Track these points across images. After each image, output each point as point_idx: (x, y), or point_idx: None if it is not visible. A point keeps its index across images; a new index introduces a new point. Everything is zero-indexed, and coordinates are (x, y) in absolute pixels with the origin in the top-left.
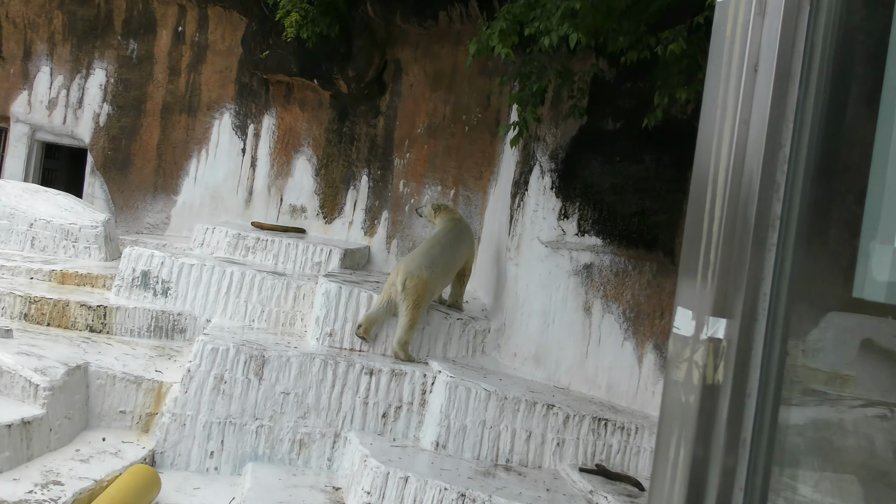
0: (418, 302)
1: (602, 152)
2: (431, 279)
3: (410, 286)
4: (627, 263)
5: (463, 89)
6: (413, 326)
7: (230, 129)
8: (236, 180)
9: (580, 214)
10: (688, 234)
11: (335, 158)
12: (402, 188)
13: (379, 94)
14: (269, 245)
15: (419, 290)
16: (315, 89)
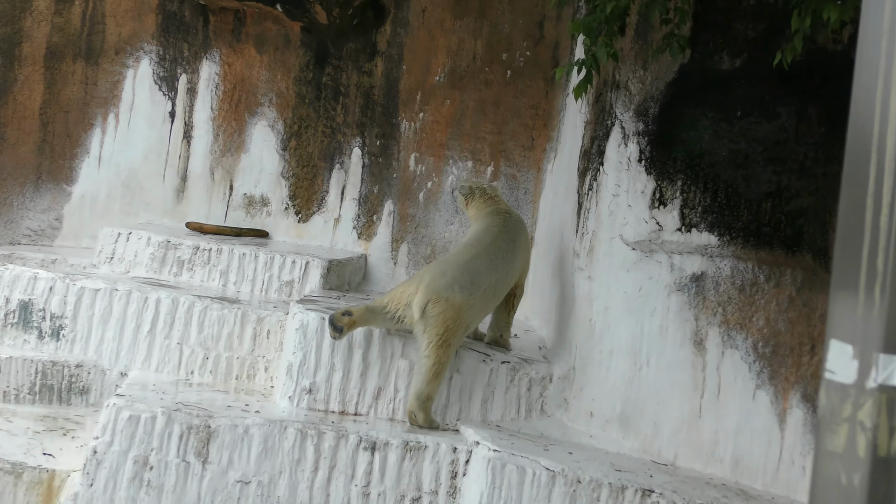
0: (447, 338)
1: (715, 104)
2: (469, 305)
3: (435, 314)
4: (758, 272)
5: (502, 13)
6: (439, 375)
7: (151, 84)
8: (162, 160)
9: (684, 199)
10: (842, 227)
11: (311, 123)
12: (414, 165)
13: (375, 24)
14: (215, 257)
15: (449, 322)
16: (279, 19)
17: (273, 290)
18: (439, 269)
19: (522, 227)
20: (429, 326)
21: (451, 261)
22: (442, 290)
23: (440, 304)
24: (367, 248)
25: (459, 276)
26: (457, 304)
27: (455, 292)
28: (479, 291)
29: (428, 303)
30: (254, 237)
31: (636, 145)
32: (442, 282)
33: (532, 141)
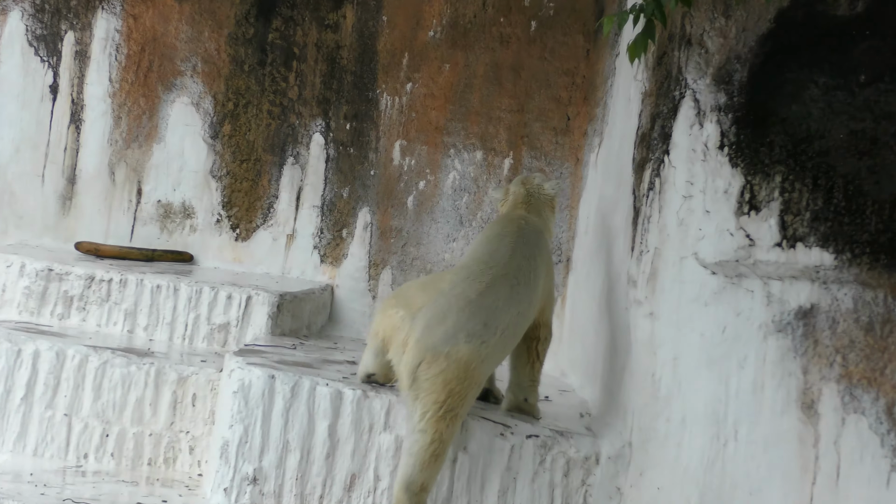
0: (451, 406)
1: (828, 66)
2: (481, 358)
3: (431, 377)
4: (893, 305)
5: None
6: (439, 458)
7: (23, 46)
8: (40, 154)
9: (785, 201)
10: None
11: (253, 100)
12: (400, 158)
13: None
14: (117, 292)
15: (452, 384)
16: None
17: (200, 338)
18: (436, 312)
19: (541, 237)
20: (423, 393)
21: (453, 296)
22: (440, 344)
23: (438, 363)
24: (333, 277)
25: (466, 320)
26: (463, 360)
27: (460, 344)
28: (494, 337)
29: (420, 364)
30: (173, 262)
31: (716, 125)
32: (440, 333)
33: (567, 122)
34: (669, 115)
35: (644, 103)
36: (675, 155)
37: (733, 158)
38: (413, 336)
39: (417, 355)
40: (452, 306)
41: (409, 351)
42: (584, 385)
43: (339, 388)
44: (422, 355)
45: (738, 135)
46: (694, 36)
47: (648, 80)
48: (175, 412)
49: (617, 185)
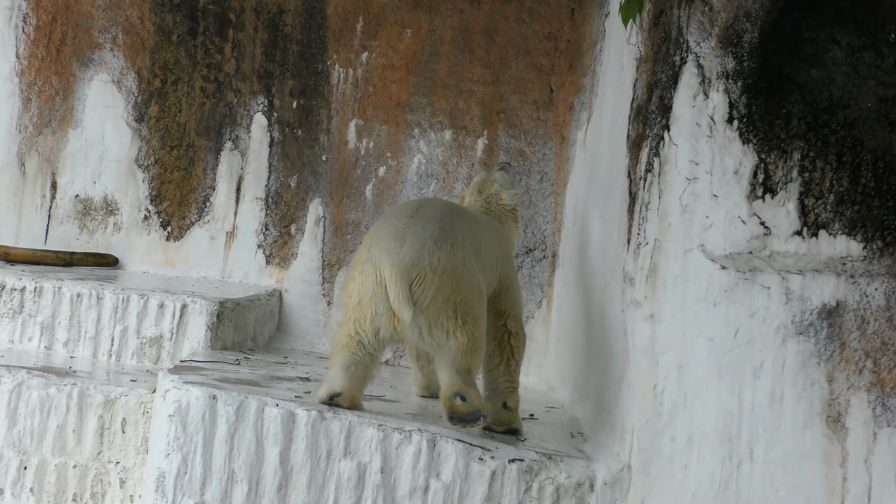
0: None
1: (852, 22)
2: (463, 263)
3: (431, 296)
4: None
5: None
6: (477, 350)
7: None
8: None
9: (805, 182)
10: None
11: (183, 76)
12: (356, 140)
13: None
14: (31, 303)
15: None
16: None
17: (129, 354)
18: (390, 235)
19: (498, 228)
20: (432, 319)
21: (392, 224)
22: (416, 259)
23: (427, 279)
24: (281, 280)
25: (422, 231)
26: (448, 266)
27: (434, 252)
28: (455, 240)
29: (412, 287)
30: (94, 266)
31: (723, 95)
32: (407, 251)
33: (550, 94)
34: (669, 83)
35: (639, 71)
36: (677, 130)
37: (744, 133)
38: (382, 267)
39: (402, 280)
40: (398, 227)
41: (391, 283)
42: (574, 400)
43: (291, 408)
44: (407, 277)
45: (749, 105)
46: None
47: (644, 43)
48: (102, 440)
49: (609, 166)
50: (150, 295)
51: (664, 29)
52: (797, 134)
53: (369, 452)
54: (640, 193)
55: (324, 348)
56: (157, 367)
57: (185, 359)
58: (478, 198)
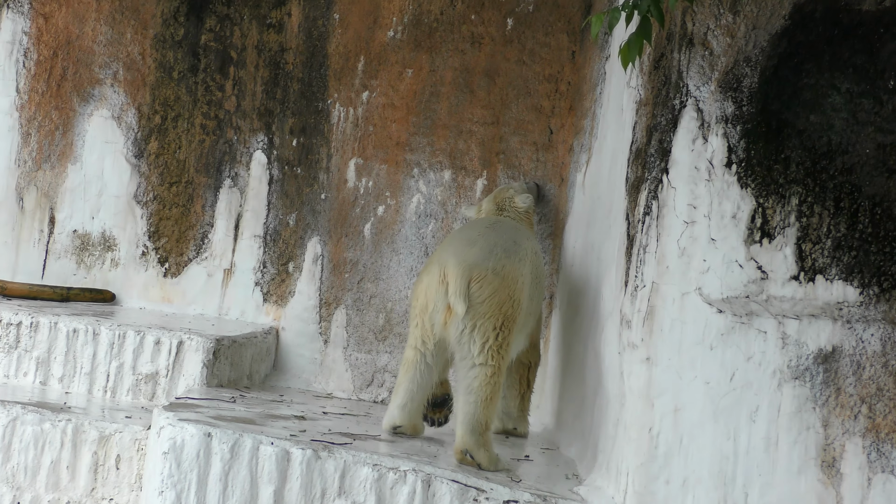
0: (505, 335)
1: (853, 69)
2: (524, 280)
3: (486, 297)
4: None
5: None
6: (497, 393)
7: None
8: None
9: (803, 227)
10: None
11: (184, 112)
12: (356, 179)
13: None
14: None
15: (506, 305)
16: None
17: (125, 390)
18: (461, 241)
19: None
20: (480, 319)
21: (465, 232)
22: (482, 260)
23: (488, 279)
24: (278, 318)
25: (495, 239)
26: (510, 275)
27: (501, 258)
28: (527, 259)
29: (470, 284)
30: (91, 302)
31: (722, 139)
32: (476, 252)
33: (550, 135)
34: (668, 127)
35: (639, 114)
36: (676, 174)
37: (742, 178)
38: (449, 265)
39: (464, 276)
40: (473, 234)
41: (452, 277)
42: (570, 441)
43: (285, 447)
44: (468, 274)
45: (748, 150)
46: (696, 35)
47: (644, 86)
48: (96, 476)
49: (608, 208)
50: (147, 331)
51: (664, 73)
52: (795, 179)
53: (364, 492)
54: (639, 236)
55: (320, 387)
56: (153, 404)
57: (180, 396)
58: (492, 206)
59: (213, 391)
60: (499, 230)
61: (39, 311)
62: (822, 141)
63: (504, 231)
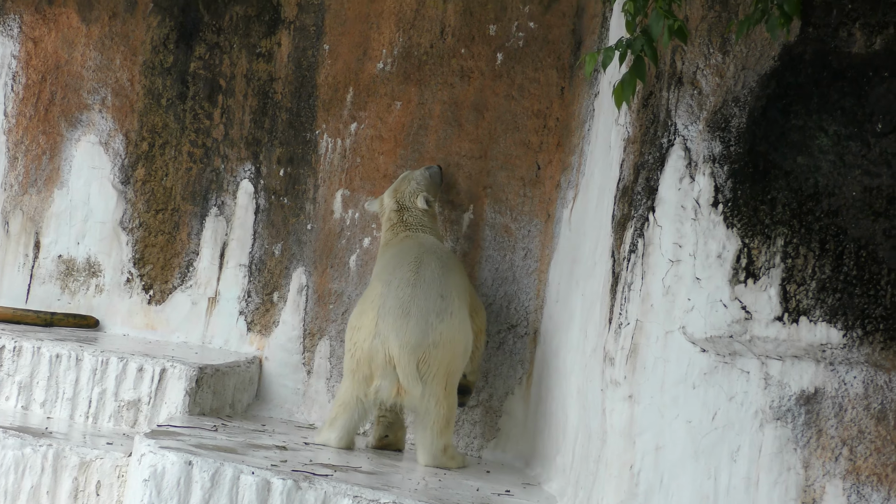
0: (451, 382)
1: (840, 111)
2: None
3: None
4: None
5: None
6: (451, 420)
7: None
8: None
9: (787, 268)
10: None
11: (171, 140)
12: (342, 210)
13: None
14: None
15: (451, 364)
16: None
17: (106, 417)
18: (394, 312)
19: (441, 246)
20: (430, 385)
21: (394, 289)
22: (422, 338)
23: (433, 355)
24: (262, 348)
25: (424, 301)
26: (448, 339)
27: (437, 326)
28: (454, 300)
29: (418, 365)
30: (75, 327)
31: (709, 179)
32: (413, 328)
33: (537, 171)
34: (656, 165)
35: (627, 151)
36: (662, 212)
37: (729, 218)
38: (393, 347)
39: (411, 360)
40: (403, 298)
41: (400, 363)
42: (550, 478)
43: (266, 477)
44: (415, 357)
45: (734, 190)
46: (686, 74)
47: (632, 124)
48: (76, 502)
49: (594, 245)
50: (130, 358)
51: (652, 111)
52: (781, 220)
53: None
54: (624, 274)
55: (302, 417)
56: (134, 431)
57: (162, 423)
58: (392, 202)
59: (195, 419)
60: (425, 286)
61: (23, 336)
62: (809, 183)
63: (430, 283)
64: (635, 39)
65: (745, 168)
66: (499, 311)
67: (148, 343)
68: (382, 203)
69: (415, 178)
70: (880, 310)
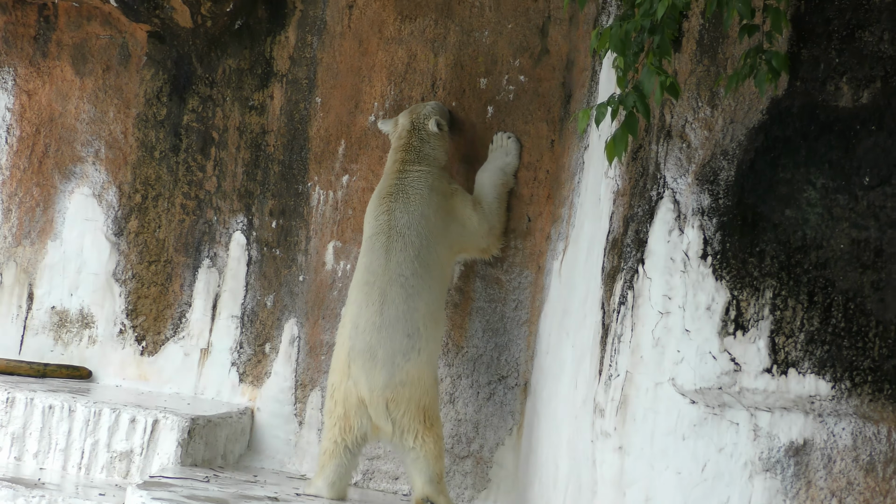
0: (430, 415)
1: (827, 164)
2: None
3: (403, 409)
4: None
5: (480, 12)
6: (442, 450)
7: None
8: None
9: (776, 321)
10: None
11: (164, 192)
12: (334, 262)
13: (271, 28)
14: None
15: (424, 400)
16: (111, 20)
17: (99, 467)
18: (364, 356)
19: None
20: (405, 426)
21: (362, 332)
22: (388, 379)
23: (400, 395)
24: (254, 399)
25: (390, 343)
26: (415, 377)
27: (403, 367)
28: (421, 336)
29: (388, 406)
30: (68, 378)
31: (698, 231)
32: (380, 370)
33: (528, 223)
34: (645, 218)
35: (616, 204)
36: (651, 264)
37: (717, 270)
38: (363, 390)
39: (380, 401)
40: (369, 338)
41: (370, 404)
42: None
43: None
44: (383, 397)
45: (723, 242)
46: (675, 128)
47: (622, 177)
48: None
49: (584, 297)
50: (122, 409)
51: (642, 164)
52: (770, 272)
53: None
54: (613, 325)
55: (294, 468)
56: (127, 482)
57: (154, 474)
58: (407, 121)
59: (187, 470)
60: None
61: (16, 387)
62: (797, 235)
63: (395, 321)
64: (627, 95)
65: (733, 220)
66: (489, 362)
67: (140, 394)
68: (397, 123)
69: (431, 104)
70: (868, 362)
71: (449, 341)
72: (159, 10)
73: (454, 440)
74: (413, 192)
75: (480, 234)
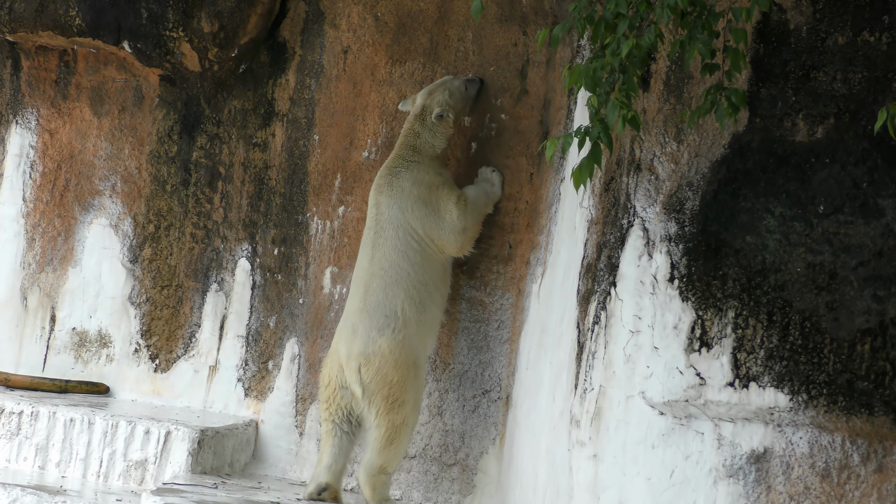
0: (396, 397)
1: (785, 194)
2: (402, 343)
3: (371, 377)
4: (850, 449)
5: (464, 56)
6: (394, 441)
7: None
8: None
9: (738, 338)
10: None
11: (175, 222)
12: (331, 286)
13: (273, 71)
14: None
15: (391, 376)
16: (126, 65)
17: (116, 475)
18: (346, 328)
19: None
20: (372, 395)
21: (349, 313)
22: (362, 347)
23: (371, 363)
24: (258, 412)
25: (369, 321)
26: (387, 351)
27: (377, 340)
28: (398, 321)
29: (360, 370)
30: (87, 394)
31: (666, 256)
32: (357, 341)
33: (509, 249)
34: (617, 244)
35: (590, 231)
36: (623, 287)
37: (684, 292)
38: (340, 355)
39: (354, 365)
40: (353, 319)
41: (346, 368)
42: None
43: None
44: (356, 362)
45: (689, 267)
46: (644, 161)
47: (595, 206)
48: None
49: (560, 317)
50: (138, 422)
51: (613, 195)
52: (732, 294)
53: None
54: (588, 343)
55: (295, 475)
56: (142, 489)
57: (167, 481)
58: (420, 102)
59: (197, 478)
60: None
61: (39, 402)
62: (757, 260)
63: (376, 305)
64: (592, 127)
65: (698, 246)
66: (474, 378)
67: (154, 408)
68: (415, 102)
69: (449, 89)
70: (824, 376)
71: (437, 358)
72: (170, 56)
73: (442, 449)
74: (398, 186)
75: (456, 230)
